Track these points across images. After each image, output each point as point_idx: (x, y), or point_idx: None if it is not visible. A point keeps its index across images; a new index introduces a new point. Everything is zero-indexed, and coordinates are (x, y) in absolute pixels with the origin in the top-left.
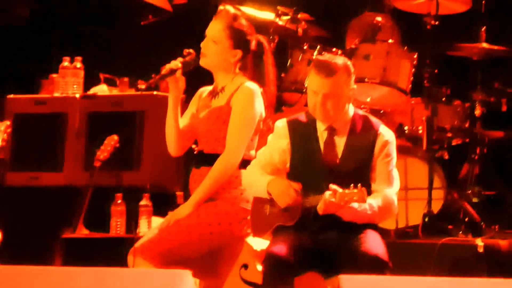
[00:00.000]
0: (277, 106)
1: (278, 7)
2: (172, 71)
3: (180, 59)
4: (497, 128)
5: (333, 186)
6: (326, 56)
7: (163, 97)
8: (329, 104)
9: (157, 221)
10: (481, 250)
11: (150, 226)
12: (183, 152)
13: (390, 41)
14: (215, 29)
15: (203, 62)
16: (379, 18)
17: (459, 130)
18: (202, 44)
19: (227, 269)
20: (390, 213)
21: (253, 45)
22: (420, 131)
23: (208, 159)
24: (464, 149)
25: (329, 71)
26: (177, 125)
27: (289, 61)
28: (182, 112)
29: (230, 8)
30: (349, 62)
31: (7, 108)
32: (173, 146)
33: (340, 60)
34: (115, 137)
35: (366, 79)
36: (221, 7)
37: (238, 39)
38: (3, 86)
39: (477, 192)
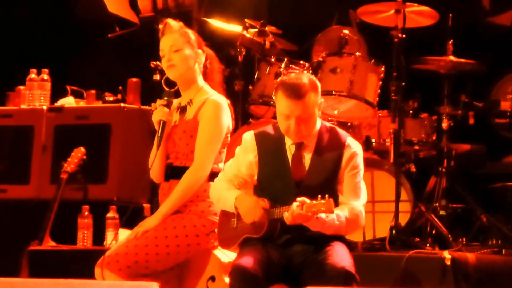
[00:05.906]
0: (244, 118)
1: (246, 20)
2: (164, 123)
3: (160, 101)
4: (464, 141)
5: (300, 198)
6: (292, 77)
7: (130, 109)
8: (303, 126)
9: (124, 233)
10: (448, 263)
11: (117, 239)
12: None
13: (357, 54)
14: (172, 40)
15: (173, 73)
16: (346, 31)
17: (426, 143)
18: (165, 61)
19: (194, 281)
20: (357, 225)
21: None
22: (387, 144)
23: (177, 172)
24: (431, 162)
25: (299, 94)
26: (164, 157)
27: (256, 74)
28: None
29: (172, 21)
30: (314, 78)
31: None
32: (159, 175)
33: (305, 78)
34: (82, 149)
35: (333, 92)
36: (161, 25)
37: (195, 40)
38: None
39: (444, 205)
